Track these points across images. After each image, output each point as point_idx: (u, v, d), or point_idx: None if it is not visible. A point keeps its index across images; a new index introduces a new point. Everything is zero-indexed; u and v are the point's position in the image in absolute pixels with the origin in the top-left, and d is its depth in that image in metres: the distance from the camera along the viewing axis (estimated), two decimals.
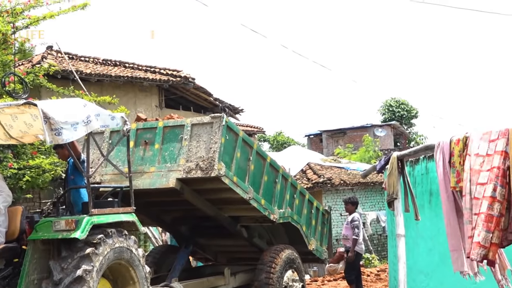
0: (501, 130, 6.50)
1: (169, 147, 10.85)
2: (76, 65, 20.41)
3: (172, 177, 10.55)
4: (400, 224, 8.40)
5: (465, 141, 7.00)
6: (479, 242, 6.63)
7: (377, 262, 24.17)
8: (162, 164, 10.78)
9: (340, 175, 26.47)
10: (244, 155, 11.24)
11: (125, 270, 9.07)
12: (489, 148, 6.65)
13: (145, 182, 10.71)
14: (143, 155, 11.01)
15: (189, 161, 10.54)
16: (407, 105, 57.23)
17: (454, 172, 7.14)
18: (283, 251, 12.43)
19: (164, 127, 11.06)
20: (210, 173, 10.32)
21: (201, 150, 10.53)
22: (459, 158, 7.09)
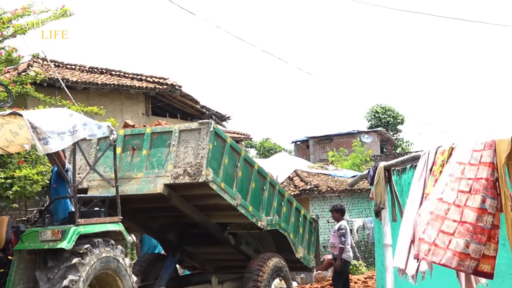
0: (487, 141, 6.50)
1: (157, 153, 10.85)
2: (62, 73, 20.35)
3: (159, 182, 10.55)
4: (387, 234, 8.40)
5: (451, 151, 7.01)
6: (470, 254, 6.62)
7: (364, 269, 24.18)
8: (149, 170, 10.78)
9: (327, 182, 26.48)
10: (232, 161, 11.25)
11: (112, 279, 9.04)
12: (472, 157, 6.64)
13: (132, 188, 10.71)
14: (130, 161, 11.01)
15: (176, 167, 10.55)
16: (393, 112, 57.42)
17: (433, 180, 7.14)
18: (271, 259, 12.43)
19: (152, 133, 11.07)
20: (198, 178, 10.33)
21: (189, 156, 10.54)
22: (441, 168, 7.10)
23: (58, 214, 9.19)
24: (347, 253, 14.57)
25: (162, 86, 22.38)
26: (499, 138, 6.36)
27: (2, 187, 13.75)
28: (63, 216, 9.14)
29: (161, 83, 22.54)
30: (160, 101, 23.37)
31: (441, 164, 7.11)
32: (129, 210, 11.59)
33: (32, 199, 15.13)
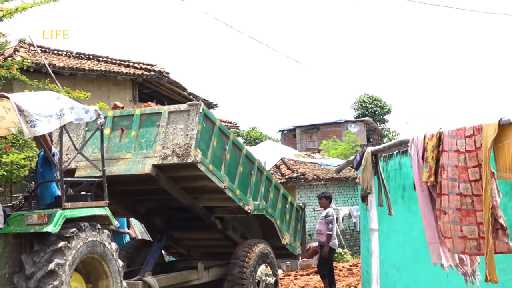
0: (475, 126, 6.53)
1: (146, 134, 10.84)
2: (49, 59, 20.27)
3: (148, 163, 10.54)
4: (373, 219, 8.43)
5: (439, 136, 7.02)
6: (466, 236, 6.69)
7: (349, 257, 24.28)
8: (138, 150, 10.77)
9: (313, 170, 26.54)
10: (220, 144, 11.25)
11: (98, 264, 9.03)
12: (467, 144, 6.67)
13: (120, 168, 10.70)
14: (119, 142, 10.99)
15: (165, 148, 10.54)
16: (380, 101, 57.51)
17: (427, 167, 7.16)
18: (257, 245, 12.45)
19: (141, 114, 11.06)
20: (186, 159, 10.32)
21: (178, 137, 10.53)
22: (432, 153, 7.11)
23: (45, 199, 9.15)
24: (333, 241, 14.62)
25: (149, 72, 22.33)
26: (486, 122, 6.39)
27: None
28: (50, 200, 9.09)
29: (149, 70, 22.49)
30: (148, 87, 23.31)
31: (432, 150, 7.14)
32: (117, 193, 11.59)
33: (18, 184, 15.07)
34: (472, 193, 6.66)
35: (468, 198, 6.68)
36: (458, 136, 6.76)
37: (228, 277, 12.16)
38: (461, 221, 6.75)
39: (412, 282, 10.07)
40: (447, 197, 6.88)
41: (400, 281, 10.41)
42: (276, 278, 12.90)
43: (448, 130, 6.92)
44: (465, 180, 6.69)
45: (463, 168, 6.70)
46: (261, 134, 57.62)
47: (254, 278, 12.20)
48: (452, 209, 6.81)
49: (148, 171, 10.48)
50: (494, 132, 6.29)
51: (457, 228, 6.80)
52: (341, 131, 47.98)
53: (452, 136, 6.84)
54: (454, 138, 6.82)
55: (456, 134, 6.78)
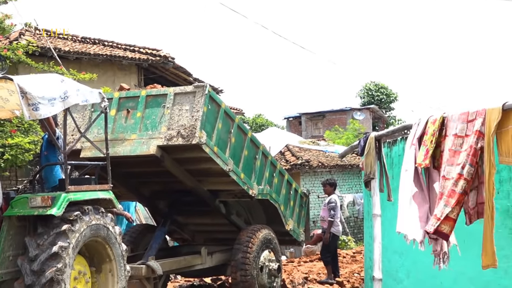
0: (478, 110, 6.50)
1: (151, 115, 10.84)
2: (55, 43, 20.27)
3: (153, 144, 10.54)
4: (376, 204, 8.44)
5: (442, 121, 7.01)
6: (436, 215, 6.71)
7: (353, 244, 24.34)
8: (143, 131, 10.77)
9: (318, 157, 26.55)
10: (226, 127, 11.25)
11: (102, 247, 9.05)
12: (467, 128, 6.67)
13: (125, 149, 10.72)
14: (124, 123, 11.00)
15: (170, 129, 10.54)
16: (387, 89, 57.50)
17: (424, 150, 7.15)
18: (260, 231, 12.48)
19: (146, 96, 11.06)
20: (191, 140, 10.32)
21: (183, 118, 10.53)
22: (432, 137, 7.10)
23: (49, 182, 9.18)
24: (336, 227, 14.66)
25: (155, 57, 22.32)
26: (490, 107, 6.37)
27: None
28: (54, 183, 9.12)
29: (154, 55, 22.47)
30: (153, 72, 23.30)
31: (432, 134, 7.13)
32: (122, 175, 11.62)
33: (23, 168, 15.12)
34: (451, 176, 6.66)
35: (448, 181, 6.69)
36: (461, 121, 6.75)
37: (232, 262, 12.19)
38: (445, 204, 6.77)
39: (414, 268, 10.07)
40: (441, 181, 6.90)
41: (402, 267, 10.42)
42: (279, 264, 12.93)
43: (451, 115, 6.90)
44: (451, 164, 6.70)
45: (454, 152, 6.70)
46: (267, 121, 57.67)
47: (257, 264, 12.23)
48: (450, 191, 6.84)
49: (153, 152, 10.50)
50: (498, 116, 6.27)
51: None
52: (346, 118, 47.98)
53: (454, 120, 6.84)
54: (456, 122, 6.81)
55: (459, 119, 6.77)
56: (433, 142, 7.05)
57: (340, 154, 11.91)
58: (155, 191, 12.77)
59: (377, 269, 8.26)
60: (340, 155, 12.26)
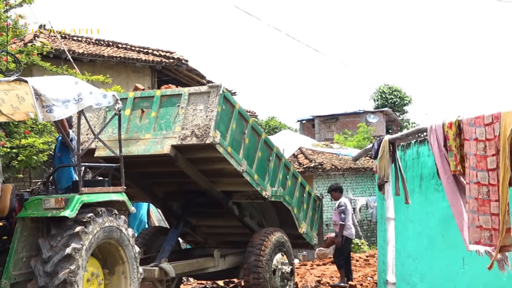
0: (493, 113, 6.45)
1: (166, 115, 10.86)
2: (69, 45, 20.35)
3: (167, 143, 10.55)
4: (390, 208, 8.40)
5: (458, 124, 6.96)
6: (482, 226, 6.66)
7: (366, 247, 24.26)
8: (157, 131, 10.79)
9: (331, 160, 26.51)
10: (240, 128, 11.25)
11: (115, 249, 9.06)
12: (487, 132, 6.61)
13: (140, 149, 10.74)
14: (139, 123, 11.03)
15: (184, 129, 10.56)
16: (400, 92, 57.34)
17: (452, 155, 7.10)
18: (273, 234, 12.45)
19: (161, 96, 11.08)
20: (205, 140, 10.32)
21: (197, 118, 10.54)
22: (455, 142, 7.06)
23: (62, 183, 9.22)
24: (348, 230, 14.64)
25: (168, 60, 22.35)
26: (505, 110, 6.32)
27: (8, 156, 13.79)
28: (67, 184, 9.16)
29: (168, 57, 22.51)
30: (166, 75, 23.33)
31: (454, 139, 7.08)
32: (136, 175, 11.66)
33: (38, 169, 15.17)
34: (488, 182, 6.60)
35: (485, 187, 6.63)
36: (477, 124, 6.69)
37: (244, 265, 12.17)
38: (478, 210, 6.70)
39: (428, 272, 10.04)
40: (469, 186, 6.84)
41: (416, 271, 10.38)
42: (292, 267, 12.90)
43: (466, 118, 6.85)
44: (482, 169, 6.64)
45: (481, 157, 6.64)
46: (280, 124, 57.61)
47: (270, 267, 12.20)
48: (472, 198, 6.77)
49: (167, 151, 10.50)
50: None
51: (475, 217, 6.76)
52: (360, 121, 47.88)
53: (471, 124, 6.78)
54: (473, 126, 6.75)
55: (475, 122, 6.72)
56: (457, 146, 7.00)
57: (354, 157, 11.87)
58: (169, 192, 12.78)
59: (390, 273, 8.22)
60: (353, 158, 12.23)
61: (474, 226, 6.81)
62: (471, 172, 6.77)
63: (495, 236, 6.57)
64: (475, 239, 6.84)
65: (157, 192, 12.77)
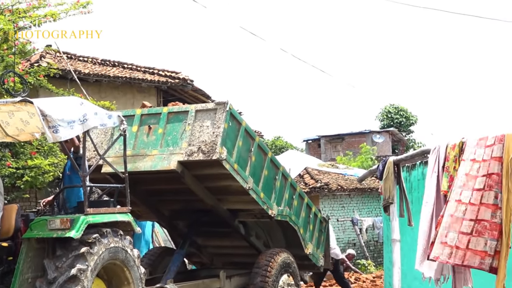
0: (497, 136, 6.47)
1: (172, 131, 10.90)
2: (75, 65, 20.38)
3: (173, 159, 10.57)
4: (395, 229, 8.39)
5: (461, 146, 6.98)
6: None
7: (373, 268, 24.15)
8: (164, 147, 10.83)
9: (337, 181, 26.43)
10: (246, 145, 11.27)
11: (120, 270, 9.05)
12: (485, 153, 6.62)
13: (146, 165, 10.76)
14: (146, 139, 11.07)
15: (191, 145, 10.59)
16: (406, 112, 57.28)
17: (447, 176, 7.11)
18: (279, 254, 12.39)
19: (168, 112, 11.13)
20: (212, 156, 10.34)
21: (204, 134, 10.57)
22: (454, 163, 7.07)
23: (71, 202, 9.21)
24: (332, 251, 14.77)
25: (174, 80, 22.38)
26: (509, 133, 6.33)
27: (13, 176, 13.82)
28: (76, 204, 9.15)
29: (173, 77, 22.54)
30: (172, 95, 23.33)
31: (454, 160, 7.09)
32: (142, 192, 11.71)
33: (43, 190, 15.19)
34: (469, 201, 6.61)
35: (463, 205, 6.64)
36: (479, 146, 6.71)
37: (250, 286, 12.10)
38: (449, 227, 6.72)
39: None
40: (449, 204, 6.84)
41: None
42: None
43: (470, 140, 6.87)
44: (468, 188, 6.64)
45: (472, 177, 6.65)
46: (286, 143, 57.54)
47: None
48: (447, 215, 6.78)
49: (174, 167, 10.51)
50: None
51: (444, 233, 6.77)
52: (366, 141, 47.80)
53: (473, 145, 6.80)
54: (474, 148, 6.77)
55: (477, 144, 6.73)
56: (456, 168, 7.02)
57: (359, 178, 11.87)
58: (175, 210, 12.77)
59: None
60: (359, 178, 12.22)
61: (439, 242, 6.81)
62: (455, 190, 6.78)
63: (455, 255, 6.59)
64: (435, 255, 6.84)
65: (163, 211, 12.76)
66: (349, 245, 25.10)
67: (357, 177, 26.59)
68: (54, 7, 15.15)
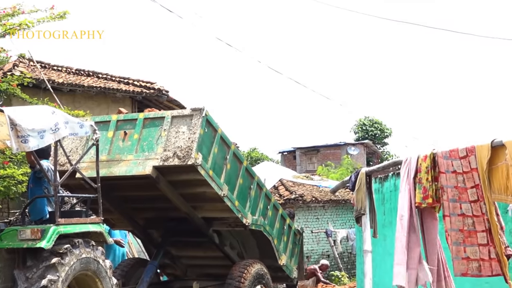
0: (467, 147, 6.51)
1: (148, 137, 10.90)
2: (49, 74, 20.22)
3: (148, 164, 10.56)
4: (367, 240, 8.40)
5: (433, 157, 7.00)
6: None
7: (346, 279, 24.16)
8: (140, 152, 10.82)
9: (312, 192, 26.45)
10: (221, 152, 11.29)
11: (92, 281, 8.97)
12: (463, 165, 6.66)
13: (121, 170, 10.74)
14: (121, 145, 11.06)
15: (167, 150, 10.59)
16: (381, 125, 57.58)
17: (420, 188, 7.13)
18: (252, 265, 12.37)
19: (144, 118, 11.14)
20: (187, 161, 10.34)
21: (180, 140, 10.58)
22: (426, 175, 7.09)
23: (34, 214, 9.07)
24: None
25: (149, 90, 22.26)
26: (478, 144, 6.37)
27: None
28: (39, 217, 8.99)
29: (148, 87, 22.43)
30: (147, 105, 23.13)
31: (426, 171, 7.11)
32: (116, 198, 11.69)
33: (16, 200, 15.03)
34: (472, 213, 6.65)
35: (469, 218, 6.67)
36: (453, 157, 6.75)
37: None
38: (464, 242, 6.75)
39: None
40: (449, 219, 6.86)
41: None
42: None
43: (441, 151, 6.91)
44: (465, 201, 6.68)
45: (462, 189, 6.69)
46: (262, 155, 57.56)
47: None
48: (455, 230, 6.81)
49: (149, 172, 10.50)
50: (488, 153, 6.27)
51: (461, 249, 6.79)
52: (340, 153, 47.99)
53: (446, 157, 6.84)
54: (448, 159, 6.81)
55: (450, 155, 6.77)
56: (429, 179, 7.03)
57: (332, 189, 11.88)
58: (149, 218, 12.73)
59: None
60: (331, 190, 12.23)
61: (459, 258, 6.84)
62: (451, 204, 6.81)
63: (484, 267, 6.63)
64: (462, 271, 6.87)
65: (137, 219, 12.71)
66: (323, 257, 25.10)
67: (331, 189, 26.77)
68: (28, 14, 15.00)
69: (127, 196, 11.95)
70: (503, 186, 6.22)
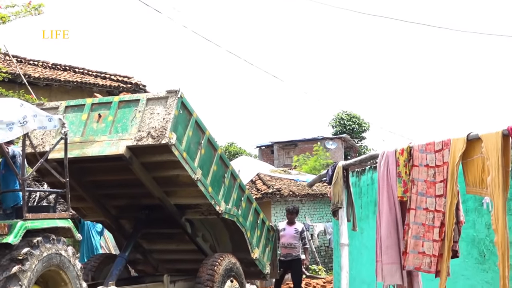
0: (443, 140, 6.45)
1: (122, 119, 10.81)
2: (25, 69, 20.06)
3: (122, 145, 10.46)
4: (344, 234, 8.32)
5: (409, 151, 6.94)
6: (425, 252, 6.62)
7: (324, 273, 24.14)
8: (114, 133, 10.71)
9: (289, 186, 26.39)
10: (196, 137, 11.22)
11: (56, 274, 8.74)
12: (436, 159, 6.61)
13: (94, 150, 10.61)
14: (95, 127, 10.94)
15: (141, 131, 10.51)
16: (359, 119, 57.71)
17: (401, 182, 7.07)
18: (224, 259, 12.23)
19: (119, 101, 11.04)
20: (161, 140, 10.26)
21: (154, 121, 10.50)
22: (405, 168, 7.04)
23: (8, 202, 8.90)
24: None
25: (126, 84, 22.14)
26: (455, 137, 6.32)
27: None
28: (14, 203, 8.84)
29: (125, 82, 22.30)
30: None
31: (404, 165, 7.04)
32: (88, 183, 11.58)
33: None
34: (435, 208, 6.60)
35: (431, 213, 6.63)
36: (428, 151, 6.69)
37: None
38: (424, 236, 6.70)
39: None
40: (414, 212, 6.80)
41: None
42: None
43: (418, 145, 6.85)
44: (431, 195, 6.63)
45: (431, 183, 6.64)
46: (240, 149, 57.52)
47: None
48: (418, 224, 6.75)
49: (122, 152, 10.38)
50: (463, 147, 6.23)
51: (419, 243, 6.74)
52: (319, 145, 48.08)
53: (422, 150, 6.77)
54: (424, 153, 6.75)
55: (426, 149, 6.71)
56: (407, 173, 6.99)
57: (309, 183, 11.78)
58: (122, 207, 12.60)
59: None
60: (308, 184, 12.13)
61: (415, 252, 6.79)
62: (419, 198, 6.76)
63: (434, 263, 6.60)
64: (415, 265, 6.82)
65: (109, 207, 12.54)
66: None
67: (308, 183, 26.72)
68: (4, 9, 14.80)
69: (100, 181, 11.85)
70: (478, 179, 6.16)
